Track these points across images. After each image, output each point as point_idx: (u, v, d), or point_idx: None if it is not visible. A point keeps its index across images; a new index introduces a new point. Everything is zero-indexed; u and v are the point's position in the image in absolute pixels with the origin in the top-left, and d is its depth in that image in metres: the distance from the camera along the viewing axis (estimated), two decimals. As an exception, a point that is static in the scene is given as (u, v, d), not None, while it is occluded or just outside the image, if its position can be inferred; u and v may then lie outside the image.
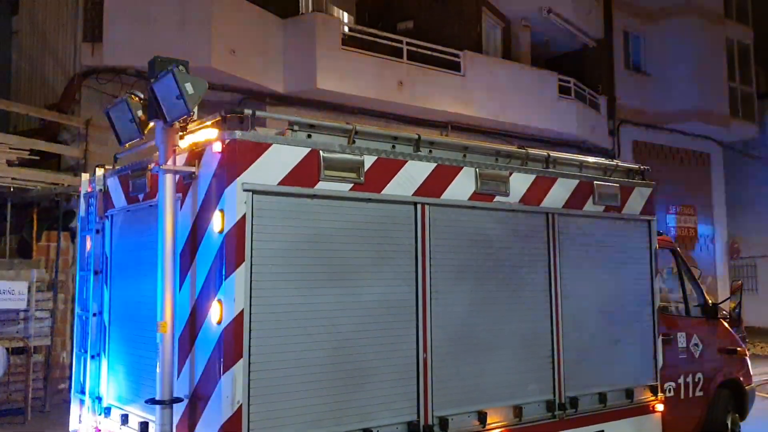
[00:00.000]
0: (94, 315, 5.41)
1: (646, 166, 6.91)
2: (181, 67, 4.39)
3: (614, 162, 6.73)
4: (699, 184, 20.93)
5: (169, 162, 4.47)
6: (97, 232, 5.48)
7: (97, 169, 5.60)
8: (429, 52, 13.63)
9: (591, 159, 6.55)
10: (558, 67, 16.67)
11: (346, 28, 13.36)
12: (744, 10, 21.70)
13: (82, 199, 5.73)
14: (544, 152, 6.09)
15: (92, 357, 5.39)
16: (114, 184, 5.41)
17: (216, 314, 4.23)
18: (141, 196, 5.09)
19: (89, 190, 5.63)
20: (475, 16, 15.17)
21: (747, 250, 22.81)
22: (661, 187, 6.71)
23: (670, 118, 19.62)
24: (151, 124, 4.64)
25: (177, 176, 4.51)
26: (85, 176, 5.76)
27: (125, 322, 5.20)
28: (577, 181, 6.08)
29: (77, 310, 5.69)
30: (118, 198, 5.36)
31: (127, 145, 4.86)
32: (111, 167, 5.55)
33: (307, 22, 12.28)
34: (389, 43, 13.26)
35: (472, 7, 15.00)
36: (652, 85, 19.72)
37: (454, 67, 13.93)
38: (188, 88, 4.29)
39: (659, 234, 6.94)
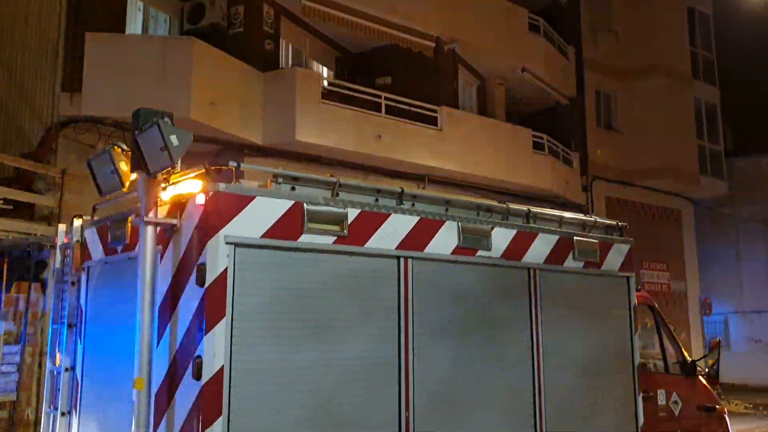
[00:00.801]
0: (67, 370, 5.25)
1: (621, 221, 7.00)
2: (166, 119, 4.38)
3: (593, 218, 6.81)
4: (671, 240, 21.25)
5: (151, 214, 4.42)
6: (73, 284, 5.36)
7: (74, 219, 5.52)
8: (407, 107, 13.82)
9: (570, 215, 6.62)
10: (532, 124, 16.99)
11: (325, 83, 13.53)
12: (711, 71, 22.43)
13: (57, 251, 5.61)
14: (524, 207, 6.14)
15: (63, 414, 5.20)
16: (92, 236, 5.33)
17: (195, 371, 4.12)
18: (120, 248, 5.01)
19: (66, 241, 5.52)
20: (451, 73, 15.46)
21: (718, 306, 23.07)
22: (634, 242, 6.79)
23: (642, 174, 20.03)
24: (133, 175, 4.60)
25: (158, 228, 4.45)
26: (62, 227, 5.66)
27: (99, 378, 5.04)
28: (557, 237, 6.12)
29: (48, 364, 5.52)
30: (96, 249, 5.27)
31: (107, 196, 4.80)
32: (89, 218, 5.47)
33: (288, 76, 12.40)
34: (368, 97, 13.43)
35: (448, 65, 15.29)
36: (624, 143, 20.18)
37: (431, 121, 14.13)
38: (173, 140, 4.28)
39: (638, 290, 6.99)
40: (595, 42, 20.32)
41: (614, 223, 6.88)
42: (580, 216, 6.81)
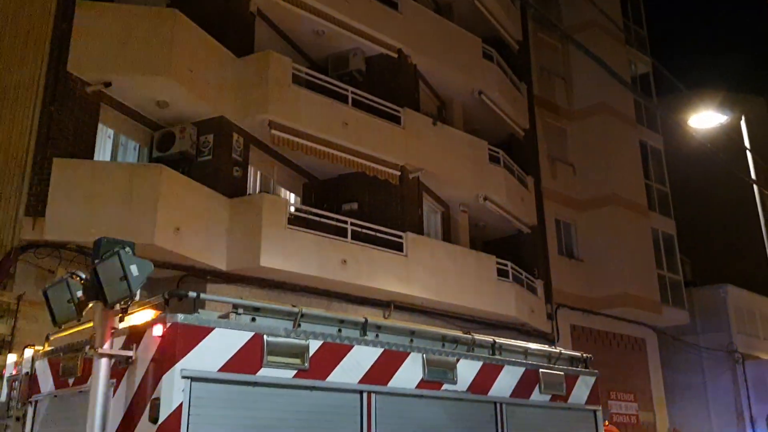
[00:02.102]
0: None
1: (585, 350, 6.98)
2: (127, 249, 4.35)
3: (558, 350, 6.78)
4: (637, 370, 21.18)
5: (106, 345, 4.28)
6: (17, 419, 5.09)
7: (25, 350, 5.31)
8: (373, 233, 13.96)
9: (535, 346, 6.59)
10: (496, 251, 17.24)
11: (292, 208, 13.67)
12: (666, 204, 23.28)
13: (4, 382, 5.37)
14: (489, 338, 6.10)
15: None
16: (42, 367, 5.12)
17: None
18: (71, 381, 4.81)
19: (14, 372, 5.29)
20: (416, 200, 15.78)
21: (687, 436, 22.73)
22: (599, 372, 6.74)
23: (605, 303, 20.23)
24: (90, 305, 4.50)
25: (112, 360, 4.31)
26: (11, 357, 5.45)
27: None
28: (523, 369, 6.06)
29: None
30: (46, 382, 5.04)
31: (62, 326, 4.67)
32: (41, 348, 5.28)
33: (254, 202, 12.52)
34: (334, 223, 13.56)
35: (413, 192, 15.65)
36: (586, 271, 20.50)
37: (397, 247, 14.25)
38: (133, 270, 4.23)
39: (605, 422, 6.86)
40: (553, 173, 21.10)
41: (579, 354, 6.86)
42: (546, 347, 6.78)
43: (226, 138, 12.78)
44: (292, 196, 15.30)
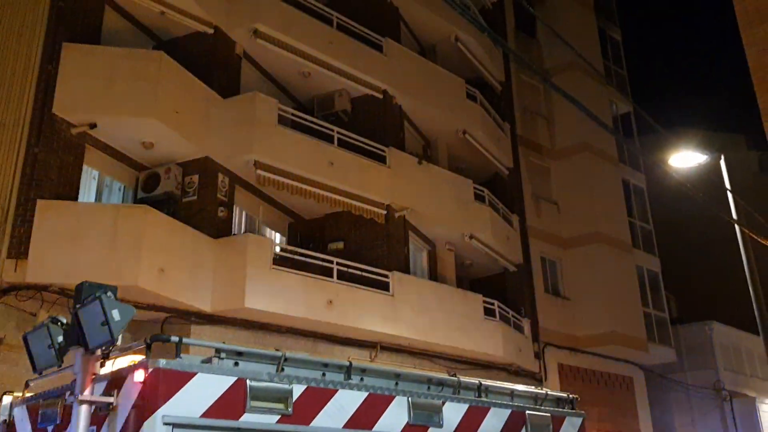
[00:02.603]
0: None
1: (573, 389, 6.96)
2: (109, 294, 4.31)
3: (544, 391, 6.75)
4: (625, 408, 21.06)
5: (86, 391, 4.22)
6: (-6, 468, 4.98)
7: (4, 396, 5.22)
8: (359, 272, 13.93)
9: (521, 387, 6.56)
10: (482, 289, 17.23)
11: (277, 249, 13.64)
12: (649, 241, 23.44)
13: (-19, 431, 5.26)
14: (475, 380, 6.07)
15: None
16: (21, 415, 5.03)
17: None
18: (51, 428, 4.72)
19: (-8, 420, 5.19)
20: (402, 239, 15.79)
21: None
22: (588, 411, 6.71)
23: (591, 341, 20.19)
24: (71, 350, 4.44)
25: (93, 407, 4.24)
26: (-12, 404, 5.34)
27: None
28: (509, 411, 6.02)
29: None
30: (24, 429, 4.95)
31: (42, 372, 4.60)
32: (20, 395, 5.19)
33: (239, 242, 12.49)
34: (320, 262, 13.53)
35: (399, 231, 15.66)
36: (572, 309, 20.50)
37: (383, 286, 14.21)
38: (115, 315, 4.20)
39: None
40: (537, 211, 21.24)
41: (566, 395, 6.83)
42: (532, 389, 6.74)
43: (211, 178, 12.80)
44: (278, 236, 15.28)
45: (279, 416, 4.56)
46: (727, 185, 11.95)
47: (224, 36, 13.88)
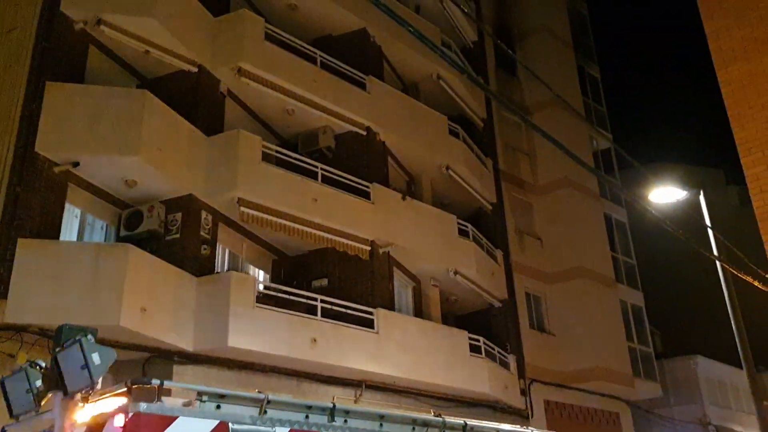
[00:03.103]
0: None
1: (559, 426, 6.92)
2: (89, 337, 4.26)
3: (529, 429, 6.70)
4: (612, 444, 20.94)
5: (65, 438, 4.13)
6: None
7: (-21, 443, 5.09)
8: (343, 310, 13.85)
9: (507, 427, 6.50)
10: (467, 326, 17.18)
11: (260, 286, 13.54)
12: (633, 276, 23.56)
13: (-45, 478, 5.11)
14: (461, 420, 6.02)
15: None
16: (-4, 462, 4.90)
17: None
18: (26, 477, 4.61)
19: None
20: (387, 275, 15.76)
21: None
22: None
23: (577, 377, 20.12)
24: (50, 394, 4.36)
25: (71, 454, 4.15)
26: (-38, 451, 5.21)
27: None
28: (495, 451, 5.96)
29: None
30: (-1, 477, 4.82)
31: (19, 418, 4.51)
32: (-4, 441, 5.07)
33: (222, 280, 12.39)
34: (304, 300, 13.45)
35: (384, 267, 15.64)
36: (557, 345, 20.46)
37: (368, 324, 14.12)
38: (95, 358, 4.14)
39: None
40: (521, 246, 21.31)
41: (551, 434, 6.78)
42: (518, 428, 6.69)
43: (194, 216, 12.75)
44: (261, 273, 15.19)
45: (262, 460, 4.49)
46: (708, 222, 12.08)
47: (208, 74, 13.97)
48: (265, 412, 4.75)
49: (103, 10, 12.42)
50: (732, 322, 12.29)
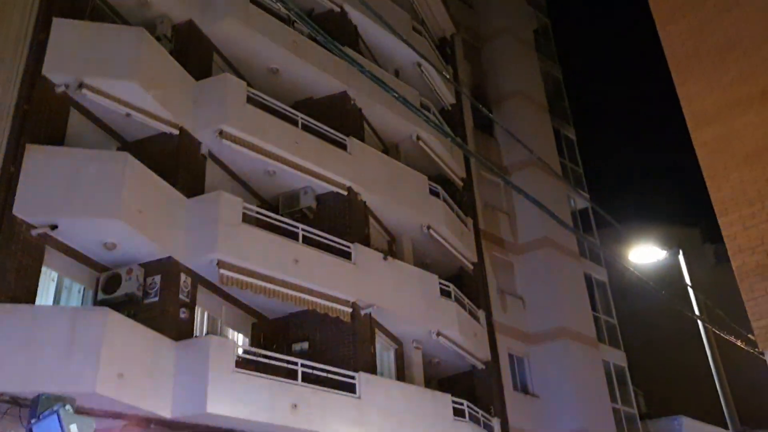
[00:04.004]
0: None
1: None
2: (68, 407, 4.12)
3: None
4: None
5: None
6: None
7: None
8: (324, 374, 13.61)
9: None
10: (451, 388, 16.96)
11: (240, 350, 13.31)
12: (614, 336, 23.53)
13: None
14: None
15: None
16: None
17: None
18: None
19: None
20: (369, 337, 15.56)
21: None
22: None
23: (563, 440, 19.82)
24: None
25: None
26: None
27: None
28: None
29: None
30: None
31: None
32: None
33: (201, 344, 12.15)
34: (284, 364, 13.21)
35: (365, 329, 15.46)
36: (541, 407, 20.22)
37: (350, 388, 13.87)
38: (73, 429, 4.00)
39: None
40: (503, 306, 21.28)
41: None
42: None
43: (173, 278, 12.60)
44: (241, 336, 14.95)
45: None
46: (688, 282, 12.16)
47: (190, 136, 14.03)
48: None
49: (85, 74, 12.49)
50: (716, 381, 12.25)
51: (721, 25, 8.68)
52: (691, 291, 12.23)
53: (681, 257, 12.95)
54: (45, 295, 11.89)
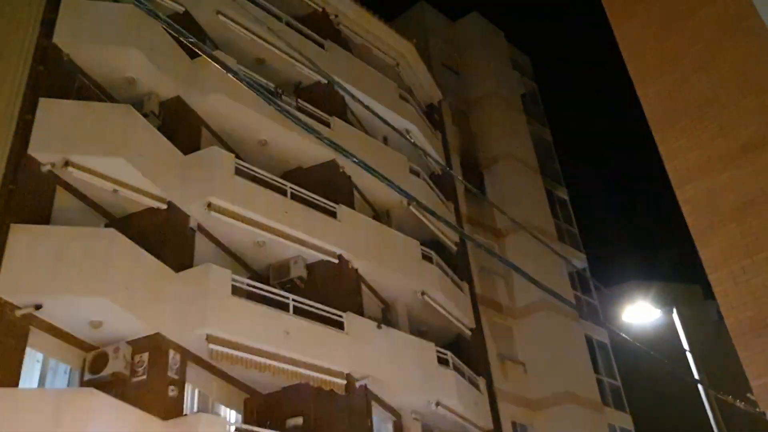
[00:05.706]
0: None
1: None
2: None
3: None
4: None
5: None
6: None
7: None
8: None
9: None
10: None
11: (232, 429, 12.91)
12: (619, 398, 22.99)
13: None
14: None
15: None
16: None
17: None
18: None
19: None
20: (365, 410, 15.12)
21: None
22: None
23: None
24: None
25: None
26: None
27: None
28: None
29: None
30: None
31: None
32: None
33: (191, 423, 11.78)
34: (277, 441, 12.83)
35: (361, 402, 15.04)
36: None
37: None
38: None
39: None
40: (504, 372, 20.79)
41: None
42: None
43: (162, 355, 12.32)
44: (233, 413, 14.54)
45: None
46: (685, 344, 11.92)
47: (178, 210, 13.98)
48: None
49: (71, 152, 12.54)
50: (718, 438, 11.85)
51: (697, 83, 8.75)
52: (688, 354, 11.95)
53: (675, 315, 12.72)
54: (29, 378, 11.60)
